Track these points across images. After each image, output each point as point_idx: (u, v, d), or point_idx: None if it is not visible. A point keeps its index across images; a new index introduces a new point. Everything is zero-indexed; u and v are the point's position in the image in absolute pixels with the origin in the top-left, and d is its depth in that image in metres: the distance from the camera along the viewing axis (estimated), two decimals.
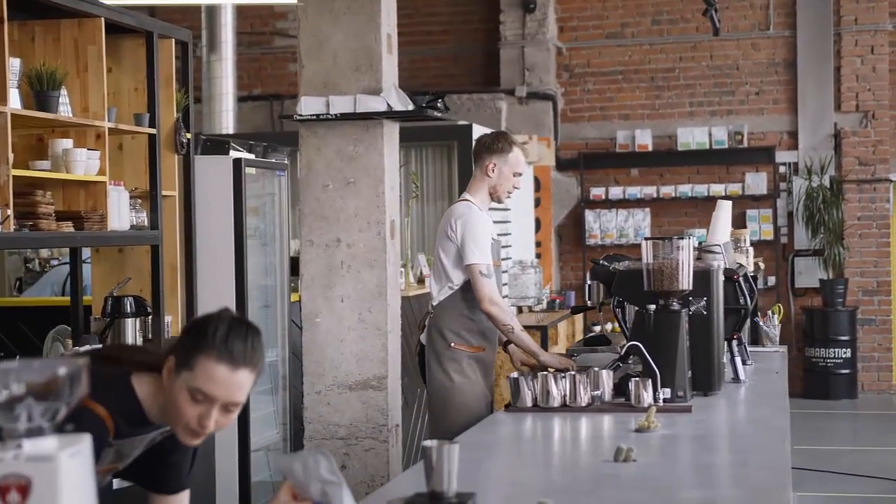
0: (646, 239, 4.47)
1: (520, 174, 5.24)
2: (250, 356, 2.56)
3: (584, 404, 4.21)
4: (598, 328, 12.11)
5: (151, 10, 12.61)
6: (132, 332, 5.34)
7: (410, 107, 5.77)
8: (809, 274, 12.41)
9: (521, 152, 5.26)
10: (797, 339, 12.45)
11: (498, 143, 5.23)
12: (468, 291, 5.12)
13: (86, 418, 2.50)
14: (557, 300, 11.23)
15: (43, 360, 1.78)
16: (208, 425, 2.55)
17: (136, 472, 2.81)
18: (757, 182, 12.46)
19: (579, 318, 11.32)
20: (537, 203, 12.31)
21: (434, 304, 5.21)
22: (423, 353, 5.32)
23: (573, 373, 4.30)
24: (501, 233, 10.27)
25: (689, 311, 4.44)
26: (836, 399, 12.01)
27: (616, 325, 11.91)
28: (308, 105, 5.71)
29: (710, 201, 12.34)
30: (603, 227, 12.79)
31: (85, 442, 1.81)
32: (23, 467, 1.72)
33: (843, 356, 12.07)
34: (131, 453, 2.73)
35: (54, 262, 8.44)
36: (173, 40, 5.81)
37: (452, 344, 5.11)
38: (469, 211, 5.12)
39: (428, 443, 2.74)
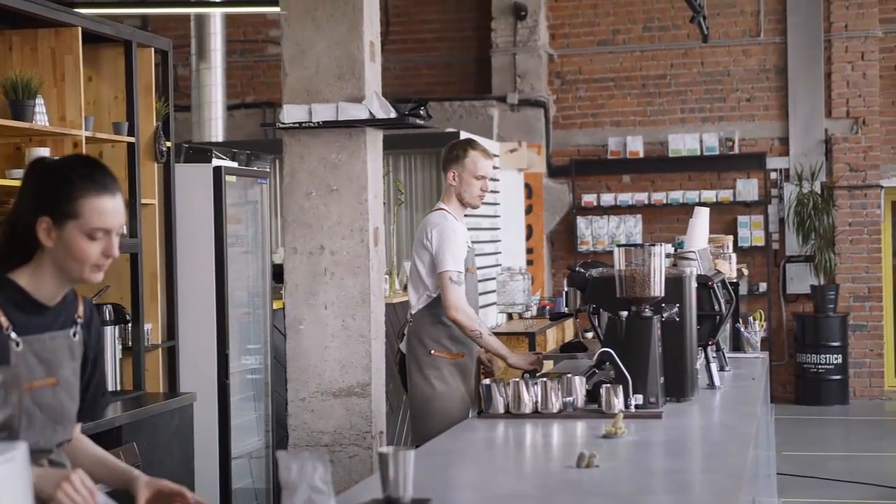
0: (618, 246, 4.49)
1: (482, 177, 5.29)
2: (114, 181, 2.73)
3: (555, 410, 4.22)
4: (590, 335, 12.12)
5: (143, 20, 12.66)
6: (111, 339, 5.36)
7: (392, 114, 5.78)
8: (801, 280, 12.42)
9: (480, 155, 5.30)
10: (789, 345, 12.46)
11: (453, 151, 5.33)
12: None
13: None
14: (548, 307, 11.23)
15: None
16: (111, 253, 2.69)
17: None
18: (748, 188, 12.47)
19: (569, 324, 11.33)
20: (529, 210, 12.34)
21: (413, 312, 5.29)
22: (404, 362, 5.37)
23: (545, 379, 4.32)
24: (491, 239, 10.31)
25: (662, 317, 4.45)
26: (828, 405, 12.01)
27: None
28: (291, 113, 5.73)
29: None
30: (595, 233, 12.80)
31: (20, 449, 1.83)
32: None
33: (835, 362, 12.08)
34: (55, 359, 2.72)
35: None
36: (153, 49, 5.83)
37: (432, 351, 5.19)
38: (444, 220, 5.19)
39: (383, 449, 2.76)
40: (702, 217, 5.56)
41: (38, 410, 2.67)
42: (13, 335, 2.64)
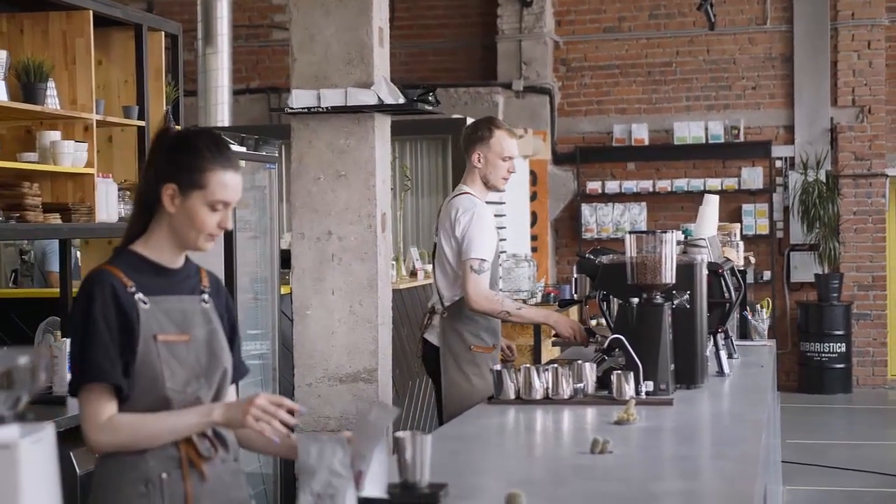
0: (629, 232, 4.48)
1: (509, 158, 5.09)
2: (237, 158, 2.90)
3: (566, 397, 4.22)
4: (594, 322, 12.13)
5: (149, 4, 12.64)
6: None
7: (401, 100, 5.77)
8: (805, 268, 12.43)
9: (506, 134, 5.11)
10: (792, 334, 12.47)
11: (478, 130, 5.13)
12: None
13: (93, 276, 2.76)
14: (553, 294, 11.24)
15: (3, 349, 1.80)
16: (226, 225, 2.83)
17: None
18: (753, 177, 12.47)
19: (574, 311, 11.34)
20: (533, 197, 12.34)
21: (446, 303, 5.09)
22: (427, 353, 5.19)
23: (555, 365, 4.32)
24: (496, 226, 10.30)
25: (673, 304, 4.45)
26: (831, 393, 12.03)
27: None
28: (299, 98, 5.73)
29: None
30: (599, 221, 12.81)
31: (46, 431, 1.83)
32: None
33: (838, 350, 12.10)
34: (186, 320, 2.83)
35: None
36: (163, 33, 5.82)
37: (472, 347, 5.03)
38: (474, 205, 5.02)
39: (401, 434, 2.77)
40: (711, 205, 5.55)
41: (178, 364, 2.79)
42: (140, 295, 2.76)
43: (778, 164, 12.56)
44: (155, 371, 2.75)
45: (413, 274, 8.13)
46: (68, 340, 5.08)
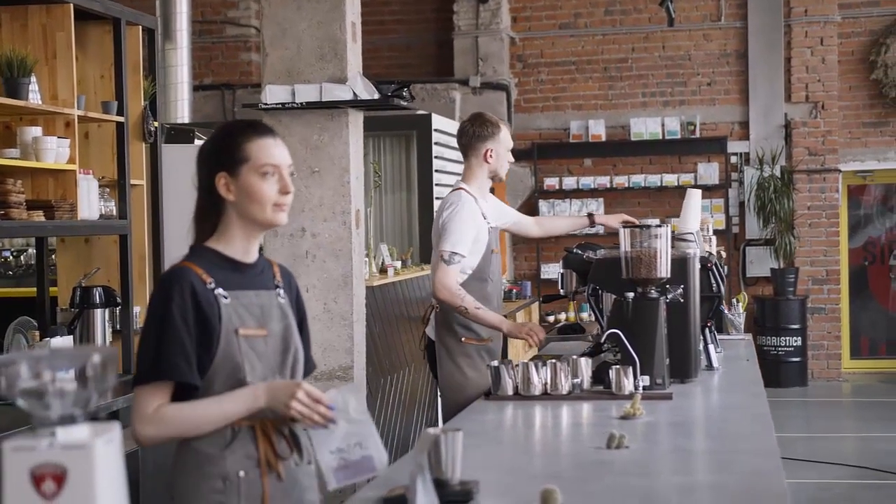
0: (624, 226, 4.48)
1: (510, 147, 5.29)
2: (272, 130, 2.90)
3: (564, 392, 4.22)
4: (551, 318, 12.17)
5: None
6: (101, 322, 5.27)
7: (376, 96, 5.76)
8: (761, 263, 12.54)
9: (505, 126, 5.27)
10: (748, 328, 12.56)
11: (488, 128, 5.19)
12: (473, 284, 5.06)
13: (171, 273, 2.78)
14: (514, 290, 11.27)
15: (76, 347, 1.75)
16: (288, 189, 2.80)
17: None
18: (709, 172, 12.56)
19: (535, 307, 11.38)
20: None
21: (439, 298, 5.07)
22: (430, 348, 5.22)
23: (554, 361, 4.30)
24: None
25: (667, 298, 4.46)
26: (787, 387, 12.14)
27: (573, 314, 11.96)
28: (273, 93, 5.69)
29: (662, 191, 12.45)
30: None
31: (115, 430, 1.78)
32: (57, 456, 1.70)
33: (794, 344, 12.22)
34: (264, 316, 2.81)
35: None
36: (140, 27, 5.73)
37: (463, 339, 5.08)
38: (459, 199, 5.08)
39: (433, 430, 2.74)
40: (695, 199, 5.57)
41: (256, 358, 2.78)
42: (220, 290, 2.76)
43: (733, 159, 12.66)
44: (236, 365, 2.74)
45: (384, 271, 8.09)
46: (51, 340, 4.99)
